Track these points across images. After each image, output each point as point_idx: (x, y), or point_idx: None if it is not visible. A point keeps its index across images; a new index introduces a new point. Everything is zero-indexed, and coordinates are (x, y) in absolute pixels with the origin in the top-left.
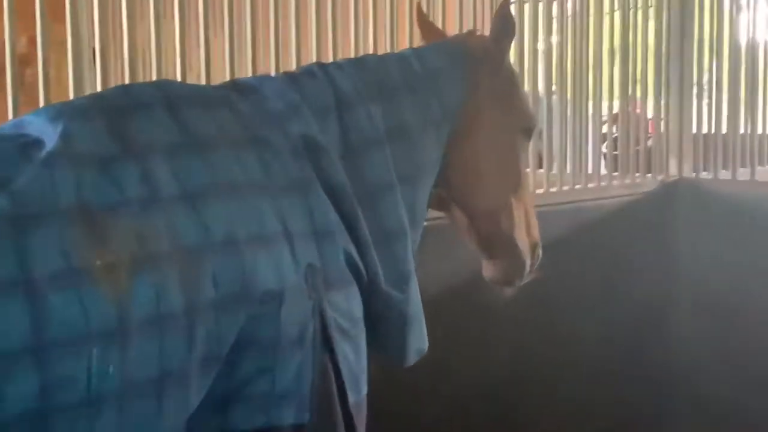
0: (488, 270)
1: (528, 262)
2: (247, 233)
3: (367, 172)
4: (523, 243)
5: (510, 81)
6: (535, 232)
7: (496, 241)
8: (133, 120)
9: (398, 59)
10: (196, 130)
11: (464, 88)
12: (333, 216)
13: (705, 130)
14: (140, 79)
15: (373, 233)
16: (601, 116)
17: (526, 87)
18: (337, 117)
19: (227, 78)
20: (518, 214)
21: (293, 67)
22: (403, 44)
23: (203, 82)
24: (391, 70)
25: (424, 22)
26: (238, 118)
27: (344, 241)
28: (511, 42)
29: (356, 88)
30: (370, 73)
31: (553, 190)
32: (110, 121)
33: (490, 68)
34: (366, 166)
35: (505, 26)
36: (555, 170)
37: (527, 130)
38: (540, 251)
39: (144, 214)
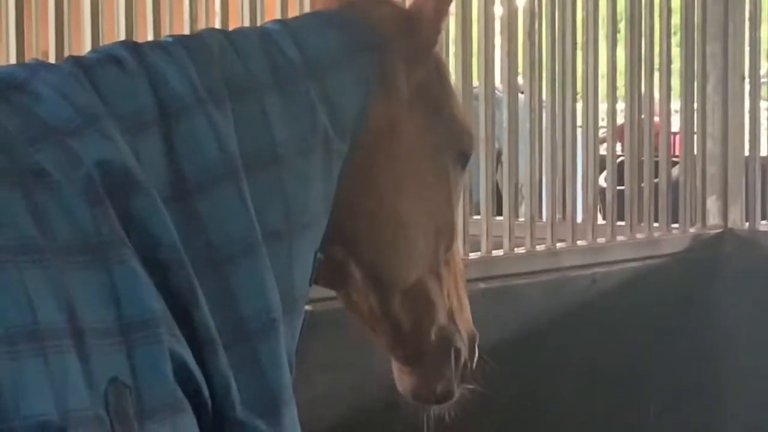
0: (405, 380)
1: (465, 365)
2: (5, 329)
3: (212, 223)
4: (458, 334)
5: (438, 77)
6: (469, 316)
7: (419, 333)
8: None
9: (260, 39)
10: None
11: (368, 87)
12: (153, 299)
13: (764, 151)
14: None
15: (223, 326)
16: (597, 128)
17: (474, 79)
18: (162, 133)
19: None
20: (450, 288)
21: (77, 50)
22: (272, 13)
23: None
24: (249, 57)
25: None
26: None
27: (172, 340)
28: (446, 13)
29: (192, 84)
30: (214, 59)
31: (521, 251)
32: None
33: (410, 56)
34: (209, 213)
35: None
36: (522, 218)
37: (462, 153)
38: (476, 346)
39: None
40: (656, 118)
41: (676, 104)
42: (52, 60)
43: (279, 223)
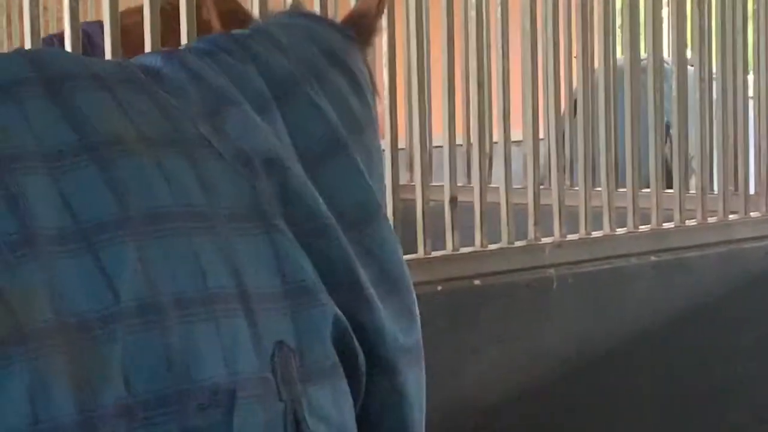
0: None
1: None
2: (177, 294)
3: (335, 193)
4: None
5: None
6: None
7: None
8: None
9: (302, 24)
10: (95, 126)
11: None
12: (311, 267)
13: None
14: None
15: (373, 281)
16: None
17: (642, 51)
18: (281, 112)
19: None
20: None
21: None
22: None
23: None
24: (304, 43)
25: None
26: (156, 105)
27: (330, 301)
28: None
29: (284, 67)
30: (285, 43)
31: (692, 222)
32: None
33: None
34: (331, 184)
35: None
36: (693, 189)
37: None
38: None
39: (11, 266)
40: None
41: None
42: None
43: (381, 184)
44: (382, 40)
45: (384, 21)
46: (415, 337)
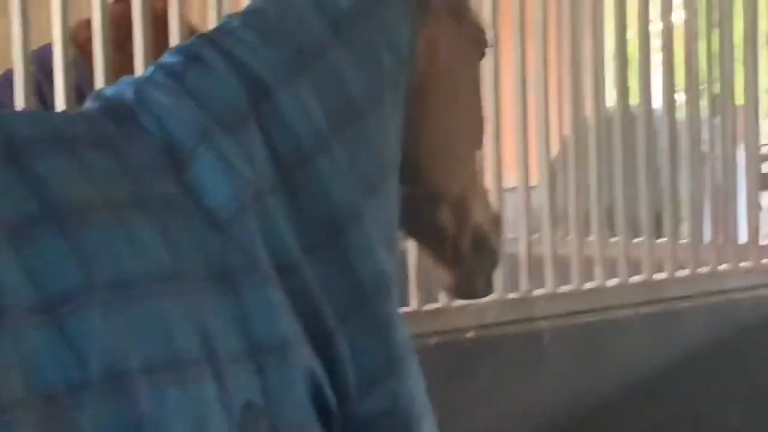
0: (451, 279)
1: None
2: (146, 360)
3: (313, 199)
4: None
5: None
6: (487, 198)
7: (467, 235)
8: None
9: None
10: (57, 194)
11: (413, 12)
12: (284, 322)
13: None
14: None
15: (343, 295)
16: (757, 142)
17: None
18: (256, 121)
19: None
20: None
21: None
22: None
23: None
24: (305, 17)
25: None
26: (121, 165)
27: (302, 355)
28: None
29: (268, 63)
30: (281, 31)
31: (682, 274)
32: None
33: None
34: (310, 188)
35: None
36: (685, 239)
37: (482, 52)
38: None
39: None
40: None
41: None
42: None
43: (372, 175)
44: None
45: None
46: (388, 348)
